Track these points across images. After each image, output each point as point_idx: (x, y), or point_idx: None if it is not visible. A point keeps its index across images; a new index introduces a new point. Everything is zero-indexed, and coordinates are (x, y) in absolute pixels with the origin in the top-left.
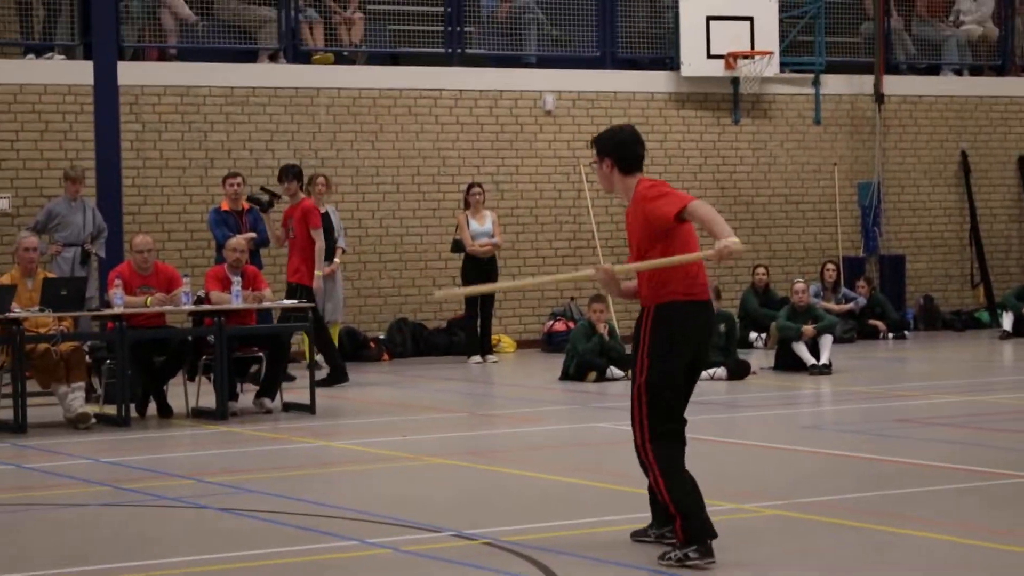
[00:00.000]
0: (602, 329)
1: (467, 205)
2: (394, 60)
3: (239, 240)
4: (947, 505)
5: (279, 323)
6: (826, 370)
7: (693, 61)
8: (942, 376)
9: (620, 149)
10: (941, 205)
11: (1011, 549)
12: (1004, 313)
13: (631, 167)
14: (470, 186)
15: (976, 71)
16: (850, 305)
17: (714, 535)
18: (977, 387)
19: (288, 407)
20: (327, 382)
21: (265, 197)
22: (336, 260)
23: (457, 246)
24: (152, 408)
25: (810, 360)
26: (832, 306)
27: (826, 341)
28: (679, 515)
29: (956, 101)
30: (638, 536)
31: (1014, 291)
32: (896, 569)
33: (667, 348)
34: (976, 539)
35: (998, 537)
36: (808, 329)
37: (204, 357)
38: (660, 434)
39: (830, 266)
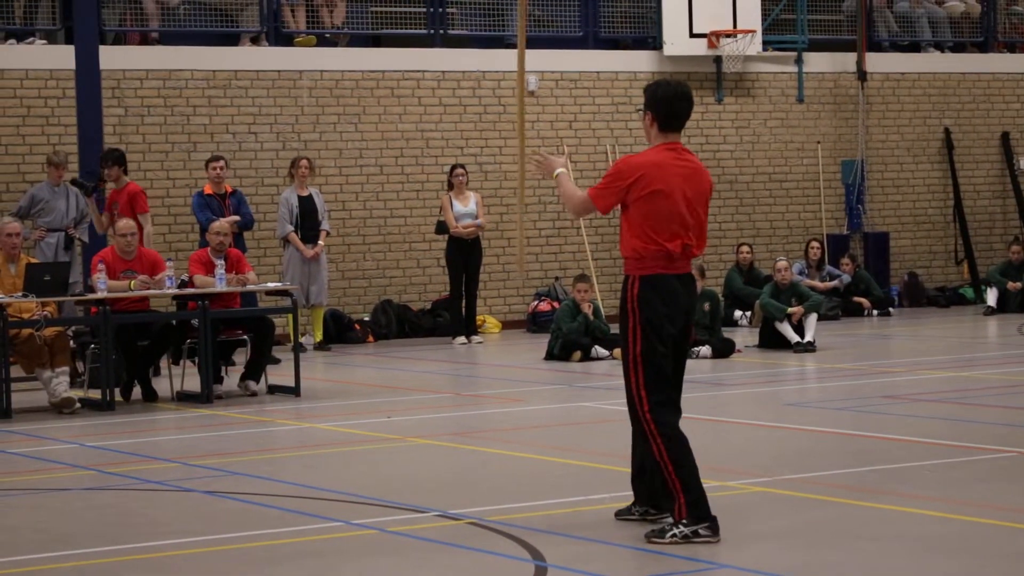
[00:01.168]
0: (587, 309)
1: (451, 186)
2: (376, 42)
3: (222, 223)
4: (932, 480)
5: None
6: (810, 347)
7: (676, 40)
8: (927, 352)
9: (663, 105)
10: (925, 182)
11: (996, 523)
12: (988, 289)
13: (669, 126)
14: (453, 167)
15: (959, 48)
16: (834, 283)
17: (710, 514)
18: (962, 363)
19: (273, 389)
20: None
21: (91, 182)
22: (320, 243)
23: (441, 227)
24: (137, 392)
25: (794, 338)
26: (817, 284)
27: (811, 319)
28: (683, 491)
29: (939, 78)
30: (623, 515)
31: (998, 267)
32: (881, 544)
33: (659, 318)
34: (961, 514)
35: (983, 511)
36: (796, 310)
37: (188, 341)
38: (660, 402)
39: (814, 244)
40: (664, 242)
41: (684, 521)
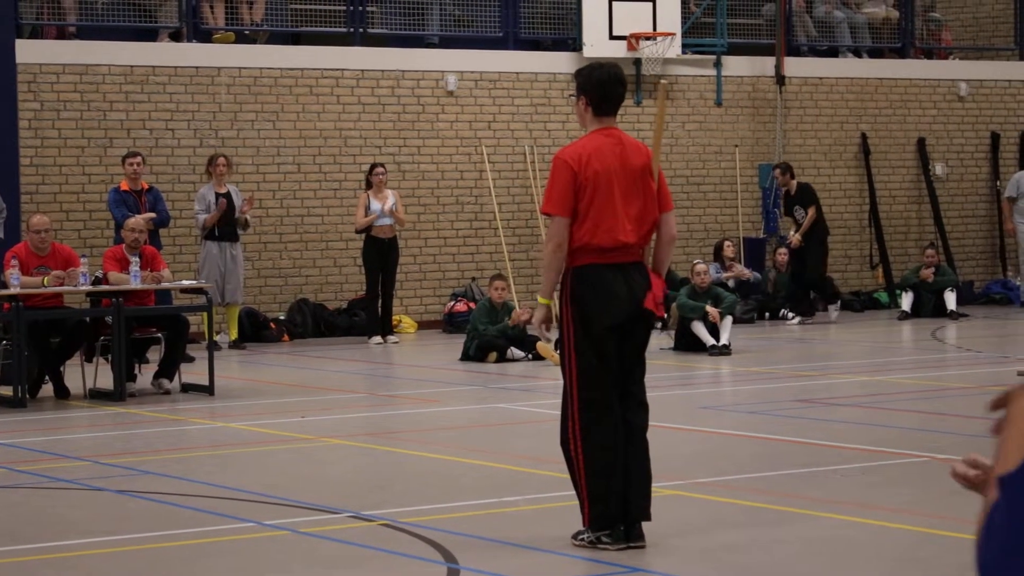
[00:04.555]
0: (499, 301)
1: (369, 185)
2: (295, 39)
3: (137, 220)
4: (846, 484)
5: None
6: (725, 350)
7: (595, 42)
8: (841, 356)
9: (598, 89)
10: (841, 187)
11: (908, 528)
12: (903, 293)
13: (604, 110)
14: (373, 166)
15: (876, 53)
16: (749, 273)
17: (620, 522)
18: (876, 367)
19: (187, 388)
20: None
21: None
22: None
23: (363, 229)
24: (48, 389)
25: (710, 340)
26: (735, 271)
27: (726, 322)
28: (589, 502)
29: (856, 83)
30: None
31: (912, 270)
32: (793, 547)
33: (591, 311)
34: (873, 518)
35: (895, 516)
36: (713, 310)
37: (102, 338)
38: (588, 402)
39: (727, 243)
40: (593, 233)
41: (589, 528)
